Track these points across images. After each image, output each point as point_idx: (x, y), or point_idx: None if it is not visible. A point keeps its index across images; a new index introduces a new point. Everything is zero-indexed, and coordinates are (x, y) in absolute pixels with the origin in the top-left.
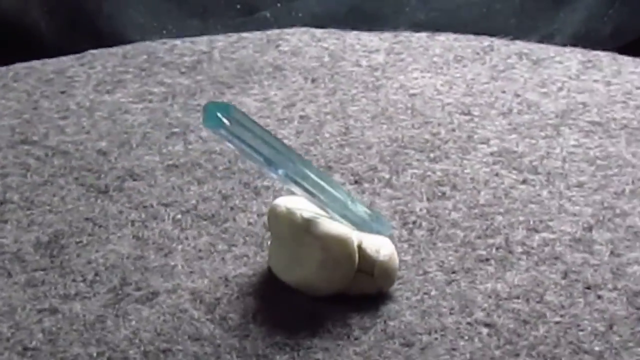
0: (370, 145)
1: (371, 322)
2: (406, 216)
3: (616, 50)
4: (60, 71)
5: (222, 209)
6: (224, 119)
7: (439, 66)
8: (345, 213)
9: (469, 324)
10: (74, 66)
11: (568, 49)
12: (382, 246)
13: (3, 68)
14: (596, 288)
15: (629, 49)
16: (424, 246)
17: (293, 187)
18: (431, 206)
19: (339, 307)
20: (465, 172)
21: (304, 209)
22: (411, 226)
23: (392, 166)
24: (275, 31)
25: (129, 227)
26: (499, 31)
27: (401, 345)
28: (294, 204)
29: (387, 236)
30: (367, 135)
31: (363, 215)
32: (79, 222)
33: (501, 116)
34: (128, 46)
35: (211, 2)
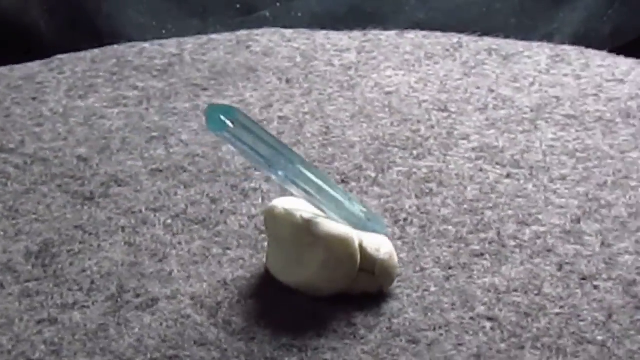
0: (352, 144)
1: (375, 320)
2: (397, 214)
3: (616, 50)
4: (28, 77)
5: (212, 212)
6: (227, 121)
7: (411, 64)
8: (342, 213)
9: (472, 318)
10: (42, 72)
11: (536, 44)
12: (381, 244)
13: None
14: (591, 278)
15: (629, 49)
16: (417, 243)
17: (293, 188)
18: (420, 203)
19: (341, 306)
20: (449, 168)
21: (302, 209)
22: (403, 223)
23: (377, 164)
24: (244, 32)
25: (119, 233)
26: (499, 31)
27: (408, 342)
28: (291, 205)
29: (384, 234)
30: (349, 134)
31: (359, 215)
32: (68, 230)
33: (478, 112)
34: (96, 50)
35: (211, 2)
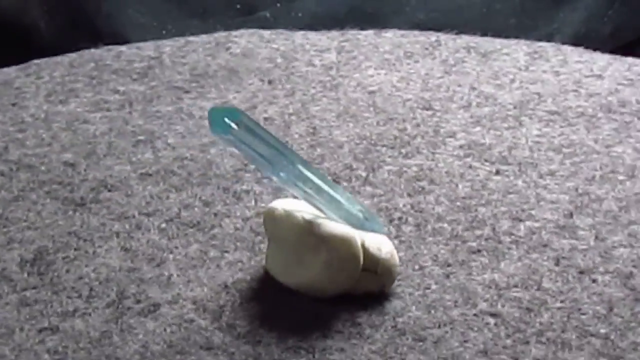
0: (341, 144)
1: (380, 319)
2: (391, 213)
3: (616, 50)
4: (5, 82)
5: (205, 215)
6: (232, 124)
7: (392, 62)
8: (342, 213)
9: (475, 315)
10: (20, 77)
11: (513, 41)
12: (382, 244)
13: None
14: (589, 272)
15: (629, 49)
16: (414, 241)
17: (293, 189)
18: (414, 201)
19: (344, 307)
20: (439, 166)
21: (302, 210)
22: (398, 222)
23: (367, 164)
24: (223, 34)
25: (114, 239)
26: (499, 31)
27: (414, 340)
28: (291, 207)
29: (383, 234)
30: (336, 134)
31: (358, 214)
32: (61, 236)
33: (462, 109)
34: (73, 54)
35: (211, 2)
